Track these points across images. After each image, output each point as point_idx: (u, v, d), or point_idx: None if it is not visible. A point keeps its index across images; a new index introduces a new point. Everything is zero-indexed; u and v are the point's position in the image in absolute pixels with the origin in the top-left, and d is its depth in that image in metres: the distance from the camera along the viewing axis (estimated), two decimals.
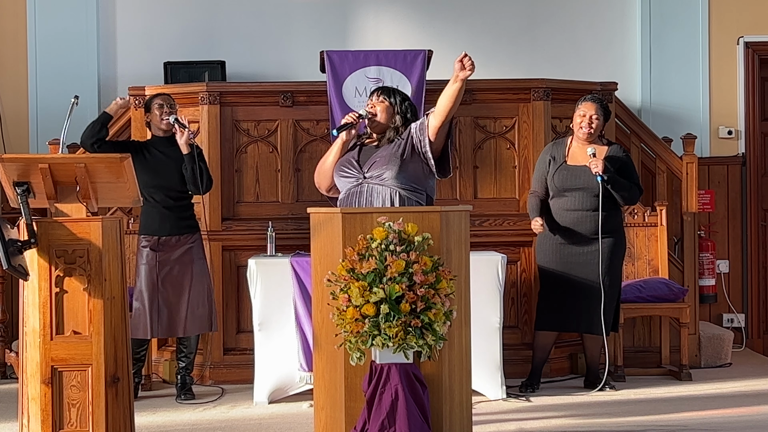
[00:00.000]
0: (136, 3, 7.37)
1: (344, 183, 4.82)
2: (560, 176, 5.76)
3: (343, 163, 4.83)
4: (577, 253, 5.72)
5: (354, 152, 4.87)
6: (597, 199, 5.65)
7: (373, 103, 4.89)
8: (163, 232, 5.59)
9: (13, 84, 7.27)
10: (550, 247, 5.78)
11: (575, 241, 5.73)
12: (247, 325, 6.04)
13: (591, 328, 5.74)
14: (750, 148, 7.43)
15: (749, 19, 7.43)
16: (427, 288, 4.01)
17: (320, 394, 4.32)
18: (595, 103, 5.78)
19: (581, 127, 5.76)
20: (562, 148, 5.85)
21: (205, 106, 6.16)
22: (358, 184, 4.74)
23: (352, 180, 4.77)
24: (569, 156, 5.80)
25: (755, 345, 7.35)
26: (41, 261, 3.94)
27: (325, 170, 4.92)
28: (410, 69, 6.15)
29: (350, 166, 4.79)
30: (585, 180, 5.70)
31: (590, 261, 5.69)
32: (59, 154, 5.82)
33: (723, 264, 7.36)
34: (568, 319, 5.76)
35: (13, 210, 5.36)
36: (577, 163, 5.75)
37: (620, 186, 5.69)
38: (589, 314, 5.71)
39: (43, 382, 3.94)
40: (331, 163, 4.88)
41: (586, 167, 5.68)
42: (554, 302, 5.76)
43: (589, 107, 5.76)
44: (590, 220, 5.69)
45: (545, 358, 5.93)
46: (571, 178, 5.74)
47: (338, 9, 7.41)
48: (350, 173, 4.77)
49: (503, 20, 7.44)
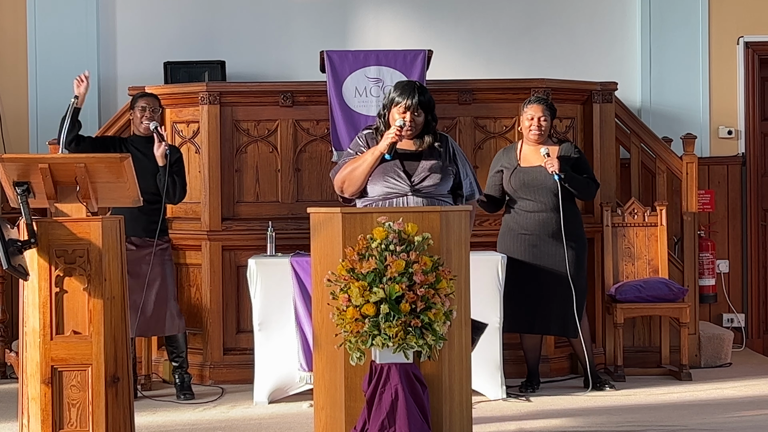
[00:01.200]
0: (136, 3, 7.37)
1: (383, 190, 4.67)
2: (517, 179, 5.78)
3: (387, 171, 4.66)
4: (547, 254, 5.73)
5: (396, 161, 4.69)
6: (557, 198, 5.67)
7: (411, 116, 4.65)
8: (131, 232, 5.48)
9: (13, 84, 7.27)
10: (518, 247, 5.77)
11: (542, 242, 5.73)
12: (247, 325, 6.04)
13: (565, 331, 5.77)
14: (750, 148, 7.43)
15: (749, 19, 7.43)
16: (427, 288, 4.01)
17: (320, 394, 4.32)
18: (541, 105, 5.80)
19: (530, 129, 5.79)
20: (512, 153, 5.87)
21: (205, 106, 6.16)
22: (404, 194, 4.65)
23: (396, 190, 4.66)
24: (521, 159, 5.83)
25: (755, 345, 7.35)
26: (41, 261, 3.94)
27: (358, 179, 4.69)
28: (410, 69, 6.15)
29: (397, 176, 4.67)
30: (541, 180, 5.72)
31: (559, 262, 5.69)
32: (59, 154, 5.79)
33: (723, 264, 7.36)
34: (540, 321, 5.77)
35: (13, 210, 5.36)
36: (531, 165, 5.77)
37: (577, 182, 5.73)
38: (562, 317, 5.72)
39: (43, 382, 3.94)
40: (365, 174, 4.67)
41: (541, 167, 5.71)
42: (523, 302, 5.74)
43: (535, 109, 5.79)
44: (554, 221, 5.70)
45: (537, 357, 5.94)
46: (527, 179, 5.76)
47: (338, 9, 7.41)
48: (396, 183, 4.65)
49: (503, 20, 7.44)
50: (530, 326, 5.81)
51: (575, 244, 5.74)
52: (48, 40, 7.24)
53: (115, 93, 7.26)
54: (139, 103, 5.72)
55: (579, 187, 5.74)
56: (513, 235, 5.80)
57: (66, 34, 7.24)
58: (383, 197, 4.64)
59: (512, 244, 5.79)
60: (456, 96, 6.28)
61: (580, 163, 5.83)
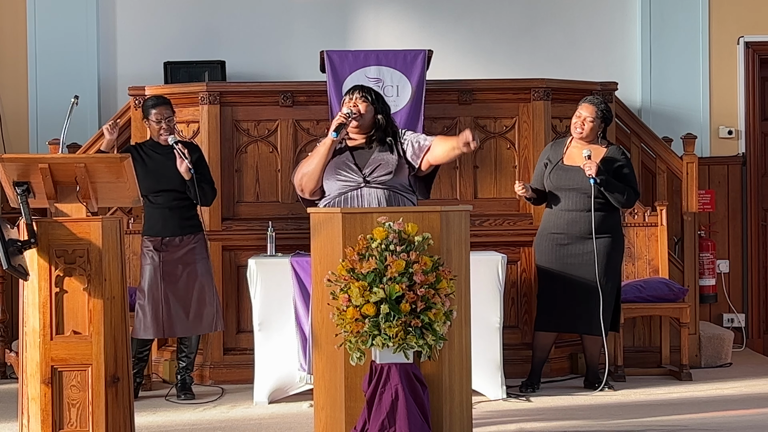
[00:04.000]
0: (136, 3, 7.36)
1: (337, 185, 4.80)
2: (555, 176, 5.78)
3: (339, 165, 4.81)
4: (574, 254, 5.73)
5: (346, 155, 4.87)
6: (591, 201, 5.67)
7: (354, 102, 4.92)
8: (167, 233, 5.59)
9: (13, 84, 7.27)
10: (547, 246, 5.79)
11: (571, 241, 5.74)
12: (247, 325, 6.04)
13: (590, 329, 5.74)
14: (750, 148, 7.43)
15: (749, 19, 7.43)
16: (427, 288, 4.01)
17: (320, 394, 4.32)
18: (591, 105, 5.79)
19: (575, 128, 5.79)
20: (560, 149, 5.86)
21: (205, 106, 6.16)
22: (358, 186, 4.73)
23: (349, 183, 4.76)
24: (566, 156, 5.82)
25: (755, 345, 7.35)
26: (41, 261, 3.94)
27: (314, 173, 4.87)
28: (410, 69, 6.15)
29: (348, 169, 4.78)
30: (578, 181, 5.71)
31: (586, 261, 5.69)
32: (59, 154, 5.81)
33: (723, 264, 7.36)
34: (567, 320, 5.77)
35: (13, 210, 5.36)
36: (573, 164, 5.77)
37: (614, 189, 5.69)
38: (587, 315, 5.71)
39: (43, 382, 3.94)
40: (320, 165, 4.84)
41: (580, 168, 5.70)
42: (553, 302, 5.76)
43: (585, 109, 5.79)
44: (585, 221, 5.70)
45: (545, 358, 5.93)
46: (565, 178, 5.75)
47: (338, 9, 7.41)
48: (348, 176, 4.76)
49: (503, 20, 7.44)
50: (557, 325, 5.81)
51: (605, 247, 5.69)
52: (48, 40, 7.23)
53: (115, 93, 7.26)
54: (153, 114, 5.62)
55: (615, 195, 5.69)
56: (545, 233, 5.80)
57: (66, 34, 7.24)
58: (339, 193, 4.72)
59: (544, 243, 5.80)
60: (456, 96, 6.28)
61: (622, 169, 5.78)
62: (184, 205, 5.64)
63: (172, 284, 5.55)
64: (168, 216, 5.59)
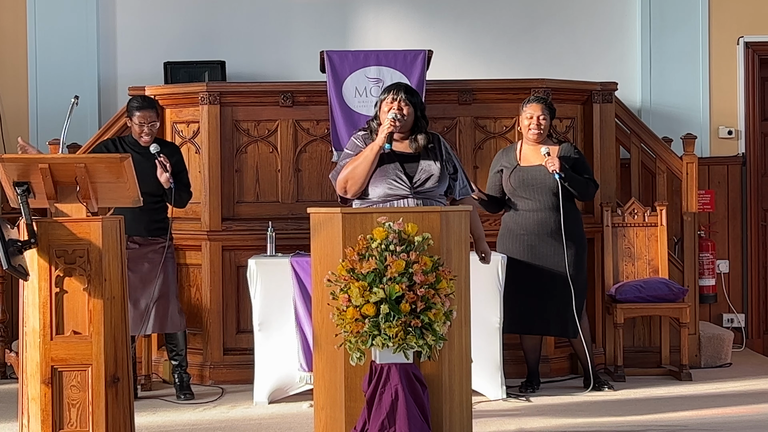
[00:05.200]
0: (136, 3, 7.37)
1: (384, 191, 4.69)
2: (516, 178, 5.78)
3: (388, 172, 4.67)
4: (545, 255, 5.72)
5: (395, 164, 4.71)
6: (556, 198, 5.67)
7: (399, 105, 4.72)
8: (133, 231, 5.53)
9: (13, 84, 7.27)
10: (517, 248, 5.77)
11: (541, 241, 5.73)
12: (247, 325, 6.04)
13: (565, 331, 5.76)
14: (750, 148, 7.43)
15: (749, 19, 7.43)
16: (427, 288, 4.01)
17: (320, 394, 4.32)
18: (540, 104, 5.80)
19: (530, 128, 5.79)
20: (512, 153, 5.88)
21: (205, 106, 6.16)
22: (405, 196, 4.65)
23: (397, 192, 4.66)
24: (521, 158, 5.83)
25: (755, 345, 7.35)
26: (41, 261, 3.94)
27: (360, 178, 4.69)
28: (410, 69, 6.15)
29: (398, 178, 4.68)
30: (542, 179, 5.72)
31: (558, 262, 5.69)
32: (59, 154, 5.81)
33: (723, 264, 7.36)
34: (541, 323, 5.76)
35: (13, 210, 5.36)
36: (531, 164, 5.78)
37: (577, 182, 5.73)
38: (561, 317, 5.72)
39: (43, 382, 3.94)
40: (368, 168, 4.68)
41: (541, 166, 5.71)
42: (522, 303, 5.73)
43: (535, 108, 5.79)
44: (554, 220, 5.70)
45: (537, 357, 5.94)
46: (528, 178, 5.76)
47: (338, 9, 7.41)
48: (397, 185, 4.66)
49: (503, 20, 7.44)
50: (530, 327, 5.81)
51: (575, 244, 5.73)
52: (48, 40, 7.23)
53: (115, 93, 7.26)
54: (136, 115, 5.63)
55: (578, 188, 5.75)
56: (512, 236, 5.80)
57: (66, 34, 7.24)
58: (383, 199, 4.65)
59: (511, 245, 5.79)
60: (456, 96, 6.28)
61: (579, 163, 5.84)
62: (155, 207, 5.62)
63: (132, 280, 5.51)
64: (138, 215, 5.47)
